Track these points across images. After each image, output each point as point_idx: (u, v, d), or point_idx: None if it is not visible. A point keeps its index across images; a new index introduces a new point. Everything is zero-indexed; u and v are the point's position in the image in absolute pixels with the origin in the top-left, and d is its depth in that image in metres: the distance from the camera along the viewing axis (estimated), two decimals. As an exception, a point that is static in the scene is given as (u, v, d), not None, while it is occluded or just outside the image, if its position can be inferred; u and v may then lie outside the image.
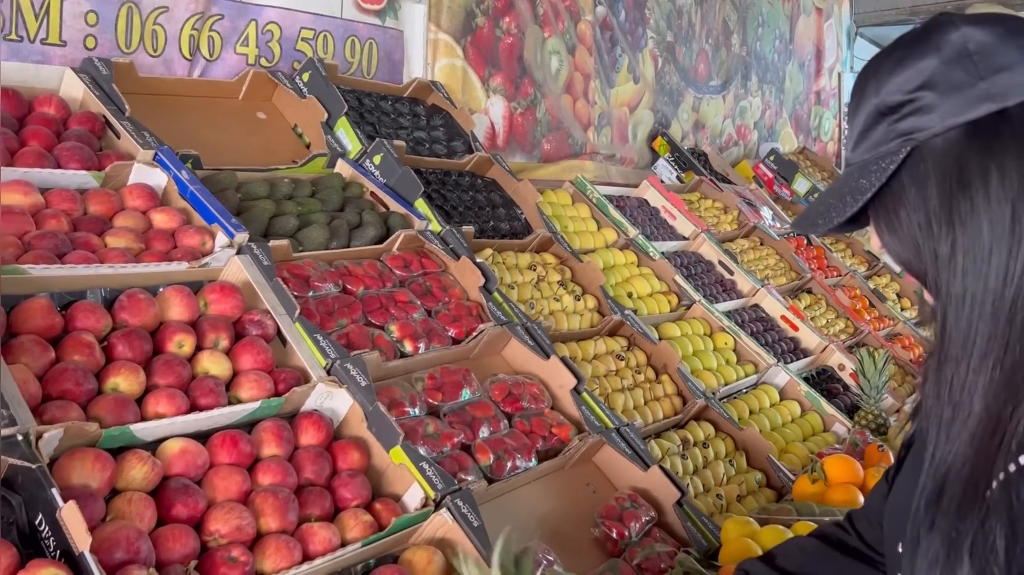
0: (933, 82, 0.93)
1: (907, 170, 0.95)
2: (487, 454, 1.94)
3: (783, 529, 1.95)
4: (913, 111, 0.94)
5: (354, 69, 2.91)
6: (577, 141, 4.04)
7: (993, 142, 0.90)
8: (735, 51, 5.58)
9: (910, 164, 0.95)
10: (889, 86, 0.96)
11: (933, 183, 0.93)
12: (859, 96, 1.00)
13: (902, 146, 0.95)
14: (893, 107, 0.95)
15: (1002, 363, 0.90)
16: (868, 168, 0.97)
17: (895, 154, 0.95)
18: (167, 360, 1.64)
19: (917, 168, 0.94)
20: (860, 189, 0.97)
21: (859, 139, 0.99)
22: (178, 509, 1.45)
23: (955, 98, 0.92)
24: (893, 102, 0.95)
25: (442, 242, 2.41)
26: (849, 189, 0.99)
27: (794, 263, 4.34)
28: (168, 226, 1.92)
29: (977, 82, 0.91)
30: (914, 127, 0.94)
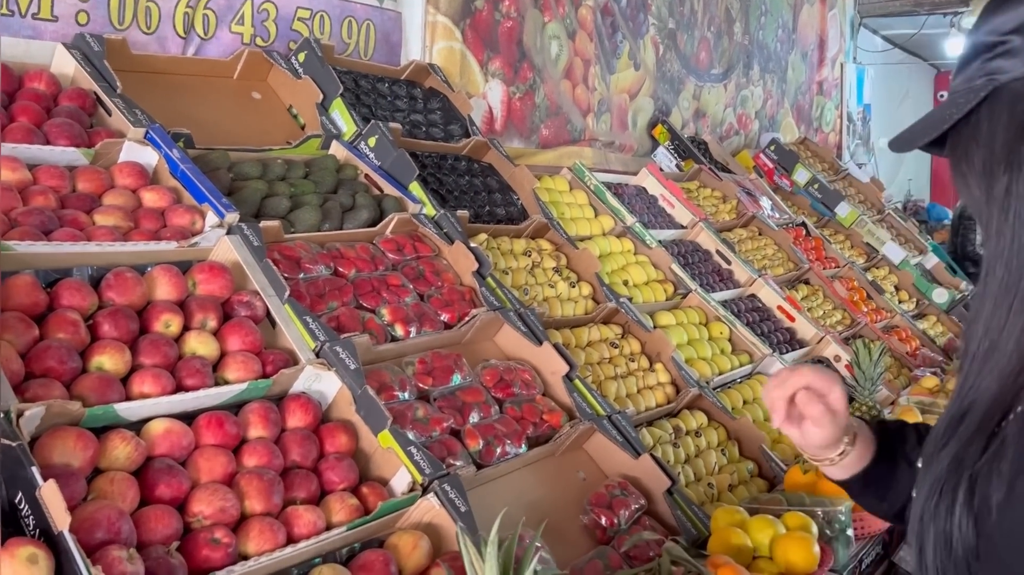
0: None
1: (986, 107, 0.99)
2: (476, 439, 1.92)
3: (773, 519, 1.94)
4: (1002, 52, 0.98)
5: (351, 50, 2.89)
6: (576, 127, 4.01)
7: None
8: (737, 39, 5.55)
9: (990, 101, 0.98)
10: (989, 25, 1.00)
11: (1003, 124, 0.97)
12: (972, 30, 1.04)
13: (987, 84, 0.99)
14: (988, 46, 0.99)
15: None
16: (956, 99, 1.01)
17: (979, 90, 0.99)
18: (153, 340, 1.63)
19: (994, 107, 0.98)
20: (946, 118, 1.01)
21: (958, 71, 1.04)
22: (161, 490, 1.44)
23: None
24: (989, 41, 0.99)
25: (436, 226, 2.39)
26: (939, 116, 1.03)
27: (792, 254, 4.32)
28: (158, 205, 1.90)
29: None
30: (1000, 68, 0.98)
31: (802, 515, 1.98)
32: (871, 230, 5.37)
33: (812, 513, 2.01)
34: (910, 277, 5.15)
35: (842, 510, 2.03)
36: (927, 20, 7.50)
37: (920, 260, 5.61)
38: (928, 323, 4.86)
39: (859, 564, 2.12)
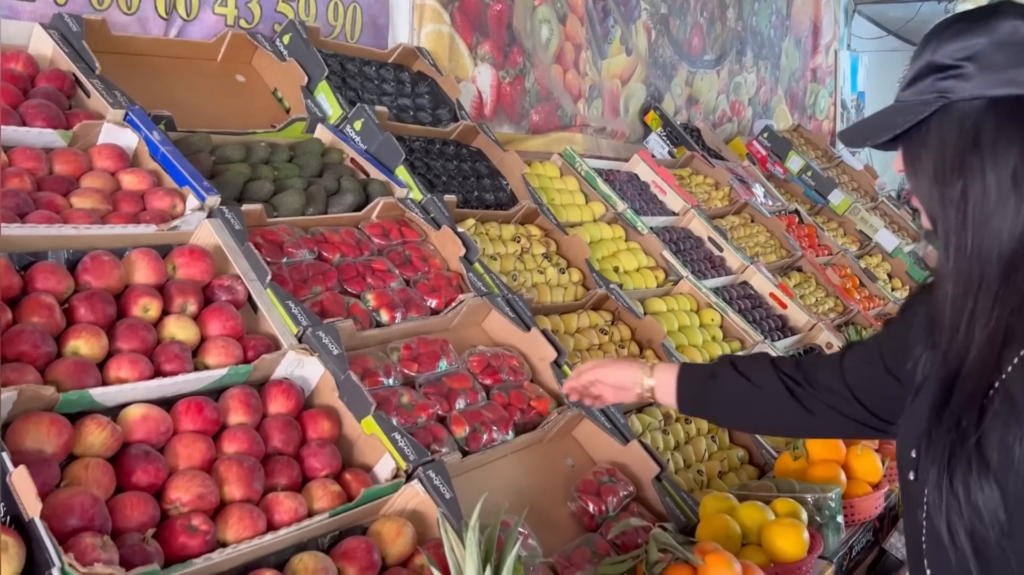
0: (977, 57, 1.13)
1: (936, 119, 1.16)
2: (463, 426, 1.90)
3: (762, 506, 1.92)
4: (955, 75, 1.14)
5: (337, 33, 2.85)
6: (567, 113, 3.97)
7: (1004, 120, 1.12)
8: (730, 25, 5.51)
9: (939, 115, 1.16)
10: (944, 49, 1.16)
11: (952, 137, 1.15)
12: (920, 50, 1.20)
13: (937, 100, 1.16)
14: (941, 67, 1.16)
15: (1005, 300, 1.11)
16: (908, 109, 1.19)
17: (930, 104, 1.16)
18: (131, 324, 1.60)
19: (943, 121, 1.16)
20: (895, 124, 1.19)
21: (909, 84, 1.20)
22: (138, 476, 1.41)
23: (988, 75, 1.13)
24: (943, 63, 1.16)
25: (423, 211, 2.36)
26: (888, 122, 1.21)
27: (785, 241, 4.30)
28: (137, 188, 1.87)
29: (1009, 69, 1.12)
30: (951, 88, 1.15)
31: (791, 501, 1.96)
32: (864, 217, 5.35)
33: (802, 499, 1.99)
34: (903, 265, 5.13)
35: (832, 497, 2.01)
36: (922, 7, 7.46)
37: (913, 247, 5.59)
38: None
39: (849, 551, 2.10)
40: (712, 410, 1.74)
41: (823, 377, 1.52)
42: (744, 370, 1.62)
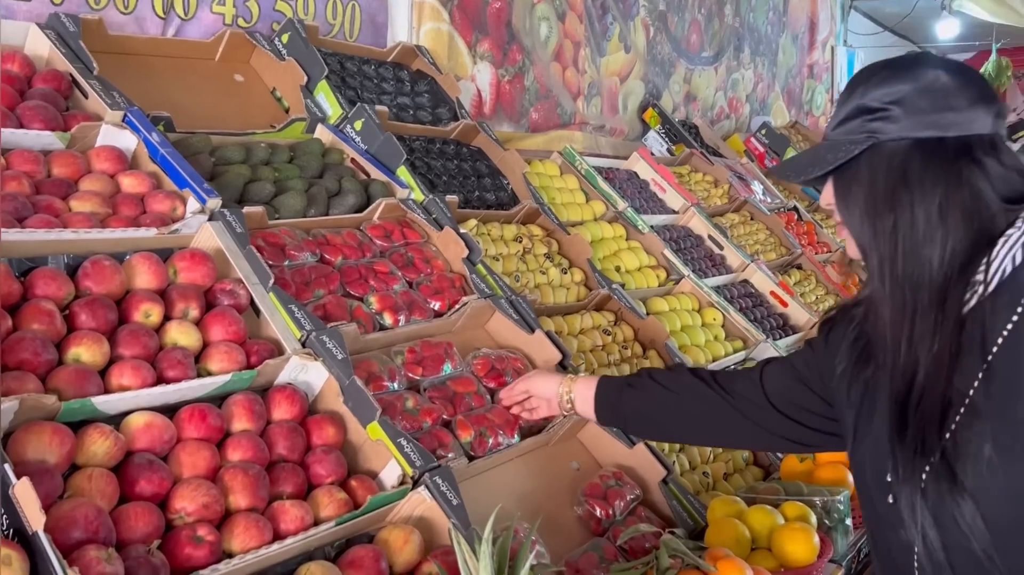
0: (903, 102, 1.23)
1: (865, 157, 1.25)
2: (468, 430, 1.88)
3: (771, 509, 1.90)
4: (883, 117, 1.24)
5: (335, 32, 2.82)
6: (566, 111, 3.95)
7: (929, 159, 1.21)
8: (728, 22, 5.49)
9: (869, 154, 1.25)
10: (873, 94, 1.25)
11: (882, 173, 1.24)
12: (849, 92, 1.29)
13: (867, 139, 1.25)
14: (870, 110, 1.25)
15: (942, 324, 1.19)
16: (838, 147, 1.27)
17: (860, 143, 1.25)
18: (133, 330, 1.57)
19: (873, 158, 1.25)
20: (828, 160, 1.27)
21: (840, 123, 1.29)
22: (142, 486, 1.39)
23: (914, 119, 1.22)
24: (872, 106, 1.25)
25: (425, 211, 2.33)
26: (820, 157, 1.29)
27: (784, 238, 4.29)
28: (137, 190, 1.84)
29: (932, 113, 1.21)
30: (879, 129, 1.24)
31: (801, 505, 1.94)
32: (862, 214, 5.33)
33: (810, 502, 1.98)
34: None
35: (840, 499, 2.00)
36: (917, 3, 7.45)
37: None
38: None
39: (858, 554, 2.08)
40: (629, 420, 1.81)
41: (741, 388, 1.61)
42: (660, 379, 1.71)
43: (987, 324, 1.18)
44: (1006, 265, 1.17)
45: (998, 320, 1.17)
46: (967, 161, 1.20)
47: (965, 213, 1.19)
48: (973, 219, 1.19)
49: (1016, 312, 1.16)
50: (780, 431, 1.56)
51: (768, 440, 1.60)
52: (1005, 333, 1.17)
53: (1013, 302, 1.16)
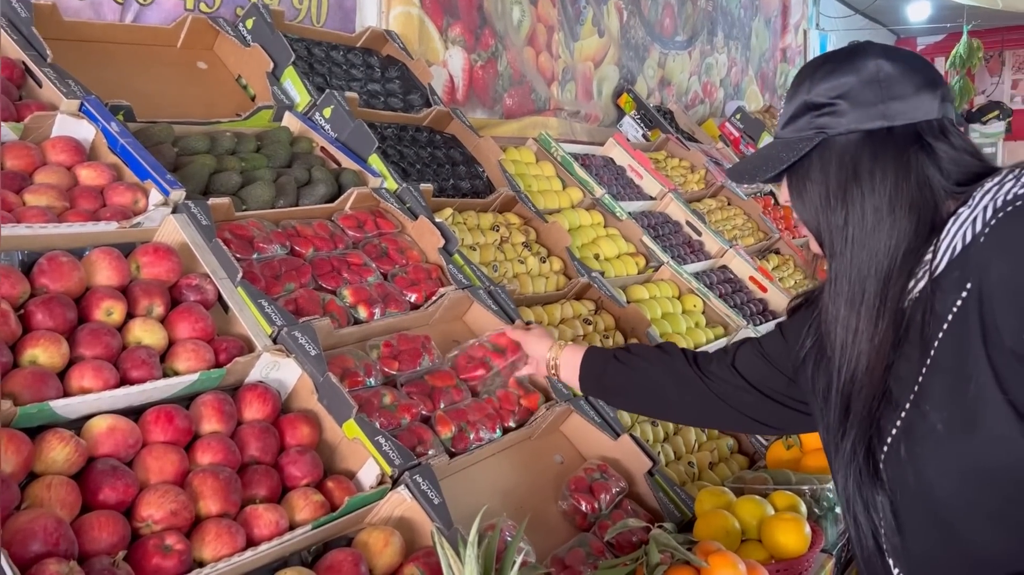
0: (848, 95, 1.23)
1: (816, 153, 1.25)
2: (448, 426, 1.81)
3: (760, 500, 1.86)
4: (830, 112, 1.23)
5: (302, 17, 2.73)
6: (540, 96, 3.88)
7: (879, 150, 1.21)
8: (701, 5, 5.44)
9: (820, 149, 1.25)
10: (818, 89, 1.25)
11: (833, 168, 1.23)
12: (795, 89, 1.29)
13: (816, 135, 1.25)
14: (817, 105, 1.25)
15: (883, 314, 1.20)
16: (789, 145, 1.27)
17: (810, 140, 1.25)
18: (93, 329, 1.49)
19: (824, 154, 1.25)
20: (780, 160, 1.27)
21: (788, 121, 1.29)
22: (105, 493, 1.32)
23: (860, 111, 1.22)
24: (818, 102, 1.25)
25: (398, 201, 2.26)
26: (773, 157, 1.29)
27: (762, 223, 4.25)
28: (96, 183, 1.75)
29: (878, 104, 1.21)
30: (828, 124, 1.24)
31: (790, 494, 1.90)
32: (838, 198, 5.32)
33: (799, 491, 1.94)
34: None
35: (829, 487, 1.96)
36: (888, -15, 7.46)
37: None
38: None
39: (848, 542, 2.05)
40: (610, 392, 1.77)
41: (716, 369, 1.60)
42: (645, 356, 1.69)
43: (935, 309, 1.16)
44: (956, 243, 1.15)
45: (946, 302, 1.15)
46: (916, 149, 1.20)
47: (913, 203, 1.19)
48: (920, 208, 1.19)
49: (963, 292, 1.12)
50: (755, 413, 1.56)
51: (744, 422, 1.59)
52: (950, 317, 1.14)
53: (962, 280, 1.13)
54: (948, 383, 1.15)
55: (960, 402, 1.13)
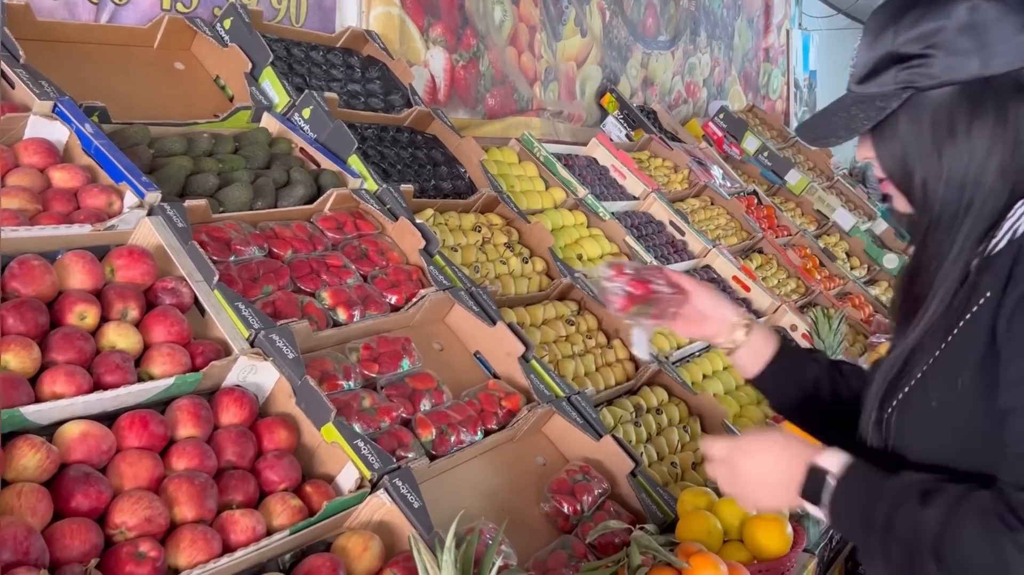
0: (941, 43, 1.13)
1: (905, 110, 1.16)
2: (429, 429, 1.80)
3: (742, 500, 1.85)
4: (920, 64, 1.14)
5: (281, 17, 2.71)
6: (523, 96, 3.87)
7: (977, 103, 1.13)
8: (684, 5, 5.45)
9: (908, 106, 1.16)
10: (904, 38, 1.14)
11: (926, 126, 1.16)
12: (875, 37, 1.18)
13: (904, 90, 1.16)
14: (905, 57, 1.15)
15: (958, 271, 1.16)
16: (871, 103, 1.18)
17: (897, 96, 1.16)
18: (66, 334, 1.47)
19: (914, 110, 1.16)
20: (864, 119, 1.18)
21: (868, 75, 1.19)
22: (78, 500, 1.30)
23: (955, 60, 1.12)
24: (905, 52, 1.15)
25: (379, 202, 2.24)
26: (855, 117, 1.20)
27: (745, 223, 4.26)
28: (70, 185, 1.73)
29: (974, 52, 1.11)
30: (917, 78, 1.14)
31: (771, 495, 1.89)
32: (821, 197, 5.35)
33: (782, 491, 1.93)
34: (861, 243, 5.13)
35: (812, 486, 1.95)
36: (870, -15, 7.49)
37: (870, 226, 5.60)
38: (880, 289, 4.85)
39: (830, 541, 2.05)
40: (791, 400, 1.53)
41: None
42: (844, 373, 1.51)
43: (977, 287, 1.13)
44: (1018, 226, 1.11)
45: (982, 286, 1.12)
46: (1017, 101, 1.12)
47: (1006, 166, 1.13)
48: (1011, 172, 1.13)
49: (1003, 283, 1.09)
50: None
51: None
52: (981, 301, 1.12)
53: (999, 273, 1.10)
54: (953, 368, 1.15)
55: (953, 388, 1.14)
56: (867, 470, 1.20)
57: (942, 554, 1.06)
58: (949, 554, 1.06)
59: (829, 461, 1.20)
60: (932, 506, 1.08)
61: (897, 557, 1.11)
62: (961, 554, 1.05)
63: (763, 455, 1.26)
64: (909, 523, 1.10)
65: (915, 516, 1.09)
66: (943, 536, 1.06)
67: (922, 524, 1.08)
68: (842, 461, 1.19)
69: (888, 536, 1.12)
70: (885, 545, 1.13)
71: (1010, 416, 1.07)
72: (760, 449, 1.27)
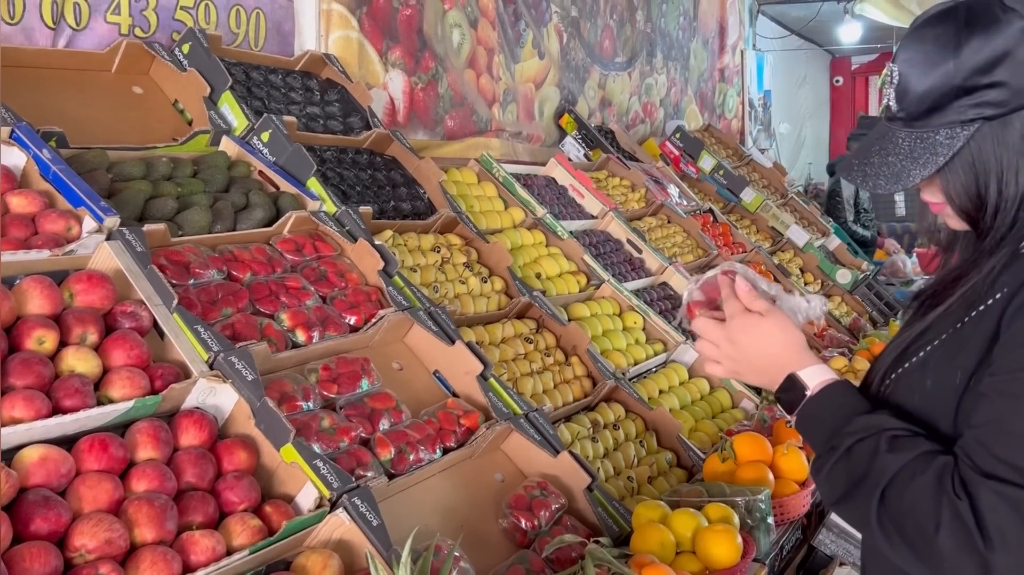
0: (1009, 69, 1.10)
1: (974, 141, 1.14)
2: (388, 448, 1.83)
3: (694, 512, 1.90)
4: (989, 94, 1.11)
5: (240, 41, 2.74)
6: (482, 118, 3.93)
7: None
8: (640, 27, 5.55)
9: (977, 137, 1.14)
10: (970, 69, 1.11)
11: (1003, 154, 1.14)
12: (927, 71, 1.14)
13: (972, 123, 1.13)
14: (972, 89, 1.12)
15: None
16: (933, 140, 1.15)
17: (966, 127, 1.14)
18: (25, 359, 1.48)
19: (984, 140, 1.14)
20: (930, 161, 1.15)
21: (931, 110, 1.15)
22: (37, 524, 1.31)
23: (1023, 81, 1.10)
24: (973, 85, 1.11)
25: (338, 224, 2.28)
26: (914, 159, 1.16)
27: (701, 240, 4.34)
28: (27, 210, 1.74)
29: None
30: (987, 108, 1.12)
31: (723, 506, 1.95)
32: (776, 214, 5.46)
33: (733, 503, 1.99)
34: (814, 259, 5.24)
35: (762, 498, 2.02)
36: (822, 7, 7.68)
37: (823, 242, 5.73)
38: (833, 304, 4.96)
39: (780, 551, 2.11)
40: None
41: None
42: None
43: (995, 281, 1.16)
44: None
45: (997, 285, 1.16)
46: None
47: None
48: None
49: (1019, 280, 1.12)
50: None
51: None
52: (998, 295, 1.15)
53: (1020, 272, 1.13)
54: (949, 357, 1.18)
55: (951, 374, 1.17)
56: (845, 393, 1.25)
57: (886, 495, 1.11)
58: (892, 497, 1.10)
59: (810, 375, 1.26)
60: (897, 452, 1.13)
61: (841, 484, 1.16)
62: (905, 500, 1.09)
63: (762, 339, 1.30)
64: (867, 459, 1.14)
65: (877, 455, 1.13)
66: (895, 479, 1.10)
67: (880, 464, 1.12)
68: (822, 378, 1.26)
69: (840, 463, 1.17)
70: (833, 470, 1.18)
71: (983, 400, 1.11)
72: (760, 333, 1.30)
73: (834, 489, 1.19)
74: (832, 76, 10.84)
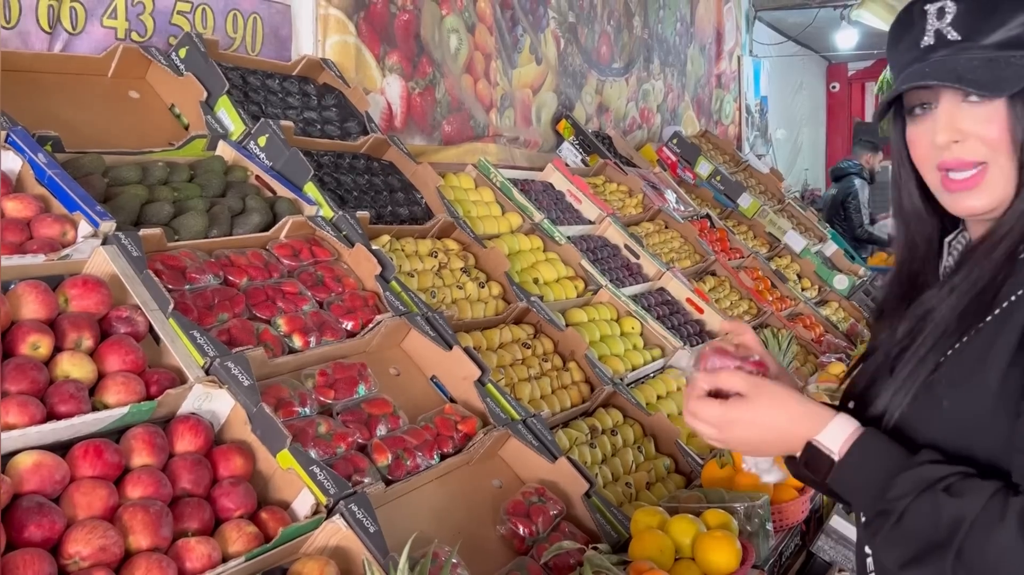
0: None
1: None
2: (385, 454, 1.82)
3: (693, 518, 1.90)
4: None
5: (237, 46, 2.73)
6: (479, 123, 3.92)
7: None
8: (637, 33, 5.56)
9: None
10: None
11: None
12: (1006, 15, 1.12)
13: None
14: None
15: None
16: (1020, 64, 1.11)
17: None
18: (19, 364, 1.46)
19: None
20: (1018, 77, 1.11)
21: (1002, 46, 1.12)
22: (31, 531, 1.30)
23: None
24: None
25: (334, 228, 2.27)
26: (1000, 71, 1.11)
27: (698, 246, 4.34)
28: (22, 215, 1.73)
29: None
30: None
31: (722, 513, 1.94)
32: (773, 220, 5.46)
33: (732, 509, 1.98)
34: (811, 265, 5.25)
35: (761, 504, 2.01)
36: (818, 13, 7.70)
37: (820, 248, 5.73)
38: (830, 309, 4.96)
39: (779, 558, 2.10)
40: None
41: None
42: None
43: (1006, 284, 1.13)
44: None
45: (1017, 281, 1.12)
46: None
47: None
48: None
49: None
50: None
51: None
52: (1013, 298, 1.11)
53: None
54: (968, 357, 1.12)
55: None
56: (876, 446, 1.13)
57: (963, 553, 1.00)
58: (972, 554, 1.00)
59: (830, 438, 1.14)
60: (959, 501, 1.02)
61: (906, 549, 1.06)
62: (989, 556, 0.99)
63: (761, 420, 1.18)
64: (930, 520, 1.04)
65: (939, 512, 1.03)
66: (970, 536, 1.00)
67: (947, 521, 1.02)
68: (843, 436, 1.14)
69: (897, 528, 1.07)
70: (891, 536, 1.08)
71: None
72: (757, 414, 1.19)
73: (900, 554, 1.08)
74: (829, 82, 10.87)
